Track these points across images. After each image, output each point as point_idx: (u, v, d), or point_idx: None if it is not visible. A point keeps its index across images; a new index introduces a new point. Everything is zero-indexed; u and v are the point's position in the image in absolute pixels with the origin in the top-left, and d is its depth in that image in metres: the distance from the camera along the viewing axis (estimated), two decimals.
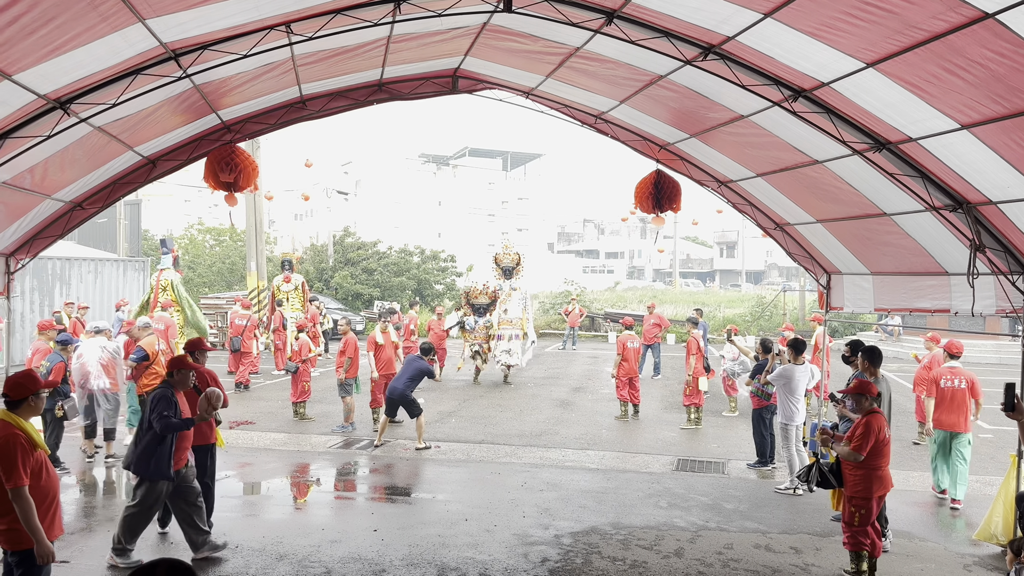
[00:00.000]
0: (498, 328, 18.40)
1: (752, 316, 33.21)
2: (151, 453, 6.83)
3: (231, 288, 32.73)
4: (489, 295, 18.63)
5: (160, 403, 6.85)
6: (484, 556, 7.36)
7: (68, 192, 8.19)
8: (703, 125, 8.80)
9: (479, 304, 18.54)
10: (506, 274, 19.04)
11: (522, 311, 18.80)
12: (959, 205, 7.07)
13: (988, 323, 23.29)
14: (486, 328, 18.40)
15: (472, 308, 18.59)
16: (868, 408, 6.80)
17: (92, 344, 10.78)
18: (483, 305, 18.54)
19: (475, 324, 18.37)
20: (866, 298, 9.95)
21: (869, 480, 6.68)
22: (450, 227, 62.37)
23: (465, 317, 18.58)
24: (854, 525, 6.76)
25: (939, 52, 5.31)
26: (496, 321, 18.40)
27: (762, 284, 68.79)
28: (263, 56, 6.87)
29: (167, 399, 6.89)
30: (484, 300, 18.60)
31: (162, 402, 6.86)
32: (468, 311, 18.68)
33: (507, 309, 18.59)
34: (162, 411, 6.79)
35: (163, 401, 6.86)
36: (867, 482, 6.68)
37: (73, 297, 18.99)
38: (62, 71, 5.57)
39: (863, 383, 7.00)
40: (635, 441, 12.56)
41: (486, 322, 18.38)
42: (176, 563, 2.47)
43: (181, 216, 62.36)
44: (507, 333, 18.47)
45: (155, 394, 6.99)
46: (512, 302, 18.73)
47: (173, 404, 6.89)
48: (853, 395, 6.90)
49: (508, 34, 7.85)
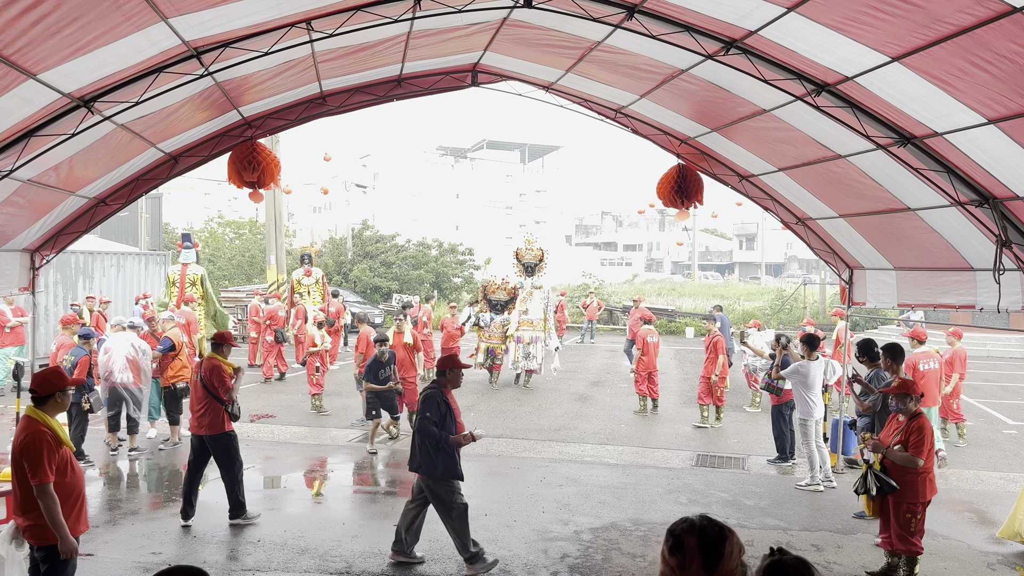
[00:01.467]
0: (517, 329, 16.92)
1: (772, 309, 33.02)
2: (434, 454, 6.73)
3: (251, 281, 32.95)
4: (508, 291, 17.35)
5: (426, 403, 6.81)
6: (504, 551, 7.38)
7: (92, 189, 8.28)
8: (725, 119, 8.74)
9: (496, 300, 17.31)
10: (528, 271, 17.55)
11: (543, 312, 17.28)
12: (985, 200, 6.98)
13: (1012, 319, 23.00)
14: (503, 327, 17.08)
15: (489, 304, 17.36)
16: (913, 410, 6.66)
17: (121, 339, 10.90)
18: (501, 301, 17.29)
19: (491, 321, 17.09)
20: (889, 293, 9.86)
21: (924, 484, 6.58)
22: (468, 220, 62.41)
23: (481, 313, 17.31)
24: (911, 531, 6.58)
25: (965, 46, 5.23)
26: (515, 321, 17.00)
27: (782, 277, 68.28)
28: (284, 53, 6.89)
29: (435, 400, 6.81)
30: (502, 296, 17.35)
31: (428, 402, 6.81)
32: (484, 306, 17.44)
33: (528, 309, 17.12)
34: (425, 412, 6.75)
35: (429, 401, 6.81)
36: (922, 486, 6.57)
37: (96, 291, 19.20)
38: (86, 70, 5.62)
39: (906, 382, 6.83)
40: (654, 436, 12.54)
41: (503, 321, 17.07)
42: (192, 569, 2.47)
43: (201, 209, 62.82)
44: (527, 335, 16.88)
45: (425, 393, 6.91)
46: (533, 302, 17.25)
47: (439, 404, 6.79)
48: (897, 395, 6.74)
49: (528, 29, 7.82)
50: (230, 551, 7.30)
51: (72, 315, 12.04)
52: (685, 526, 2.41)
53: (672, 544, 2.40)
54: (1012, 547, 7.78)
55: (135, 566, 6.88)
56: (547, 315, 17.28)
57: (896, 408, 6.85)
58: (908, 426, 6.60)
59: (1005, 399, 15.86)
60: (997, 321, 22.10)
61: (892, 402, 6.84)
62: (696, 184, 9.71)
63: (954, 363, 12.14)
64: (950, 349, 12.32)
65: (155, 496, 9.16)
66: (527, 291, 17.27)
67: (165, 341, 11.20)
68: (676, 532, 2.41)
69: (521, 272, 17.59)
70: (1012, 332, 23.69)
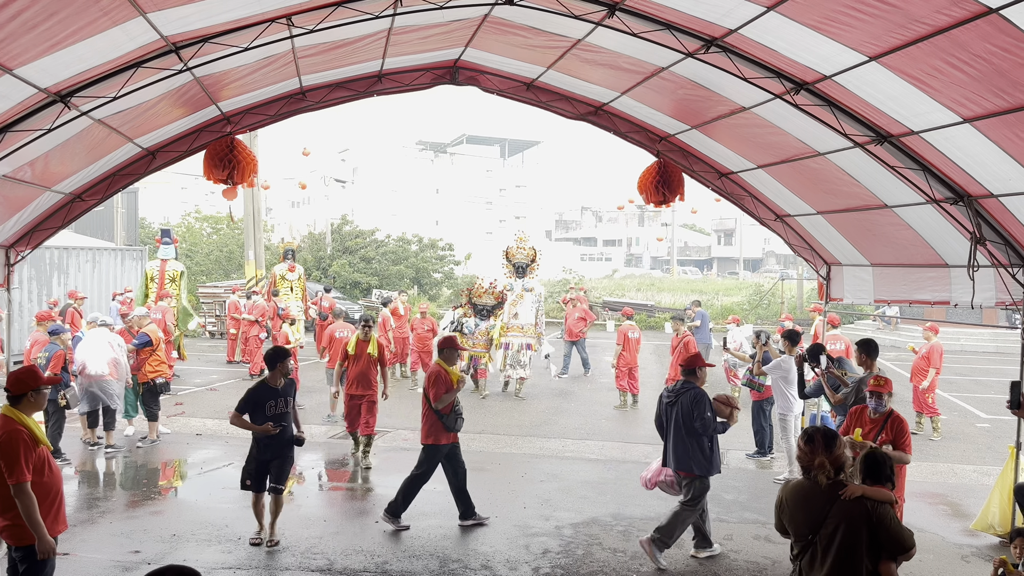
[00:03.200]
0: (505, 335, 15.48)
1: (750, 304, 33.28)
2: (706, 450, 7.19)
3: (229, 277, 32.70)
4: (496, 295, 15.69)
5: (699, 403, 7.13)
6: (485, 547, 7.41)
7: (68, 184, 8.18)
8: (705, 117, 8.79)
9: (483, 304, 15.65)
10: (518, 272, 16.03)
11: (535, 316, 15.79)
12: (960, 198, 7.09)
13: (985, 314, 23.40)
14: (488, 333, 15.51)
15: (474, 308, 15.72)
16: (887, 407, 6.75)
17: (96, 335, 10.78)
18: (487, 306, 15.66)
19: (475, 328, 15.47)
20: (866, 289, 9.98)
21: (902, 478, 6.74)
22: (448, 215, 62.36)
23: (464, 319, 15.65)
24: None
25: (942, 46, 5.31)
26: (500, 326, 15.53)
27: (760, 272, 68.81)
28: (264, 49, 6.82)
29: (704, 397, 7.19)
30: (489, 300, 15.67)
31: (702, 402, 7.14)
32: (469, 311, 15.78)
33: (517, 313, 15.65)
34: (703, 412, 7.09)
35: (702, 401, 7.15)
36: (901, 480, 6.70)
37: (72, 286, 18.97)
38: (63, 65, 5.55)
39: (884, 381, 6.92)
40: (635, 431, 12.61)
41: (489, 327, 15.50)
42: (183, 569, 2.47)
43: (178, 204, 62.26)
44: (516, 341, 15.44)
45: (693, 394, 7.20)
46: (524, 305, 15.70)
47: (709, 403, 7.19)
48: (877, 395, 6.77)
49: (509, 27, 7.81)
50: (209, 549, 7.26)
51: (48, 311, 11.91)
52: (811, 430, 4.27)
53: (807, 439, 4.22)
54: (986, 539, 7.92)
55: (114, 565, 6.83)
56: (539, 320, 15.92)
57: (875, 408, 6.86)
58: (889, 424, 6.63)
59: (978, 393, 16.08)
60: (970, 316, 22.43)
61: (872, 401, 6.87)
62: (677, 179, 9.75)
63: (931, 358, 12.34)
64: (927, 344, 12.53)
65: (133, 494, 9.08)
66: (517, 293, 15.83)
67: (141, 336, 11.10)
68: (809, 431, 4.26)
69: (511, 273, 16.17)
70: (985, 327, 24.06)
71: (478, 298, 15.62)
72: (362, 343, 10.63)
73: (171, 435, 11.66)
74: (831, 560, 4.00)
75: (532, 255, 16.19)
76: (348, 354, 10.71)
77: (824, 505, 4.07)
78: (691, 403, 7.14)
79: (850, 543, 3.98)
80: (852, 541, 3.98)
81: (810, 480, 4.16)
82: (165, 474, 10.13)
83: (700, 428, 7.08)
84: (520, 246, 16.25)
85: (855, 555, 3.98)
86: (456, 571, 6.85)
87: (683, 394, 7.23)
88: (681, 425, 7.16)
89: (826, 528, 4.04)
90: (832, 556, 4.00)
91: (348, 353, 10.72)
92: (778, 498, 4.37)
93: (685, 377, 7.39)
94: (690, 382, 7.31)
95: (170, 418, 12.42)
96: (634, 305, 30.77)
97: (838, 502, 4.04)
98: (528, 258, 16.13)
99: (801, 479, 4.27)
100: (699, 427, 7.08)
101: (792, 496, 4.26)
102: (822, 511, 4.06)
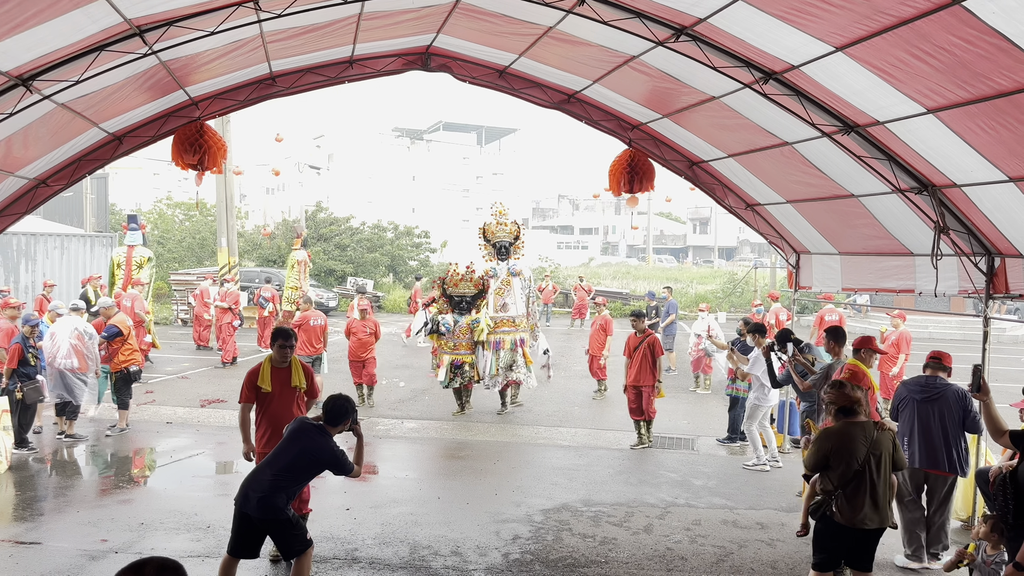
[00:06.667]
0: (494, 331, 12.41)
1: (724, 292, 33.51)
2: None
3: (202, 264, 32.36)
4: (475, 282, 12.51)
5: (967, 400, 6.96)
6: (456, 534, 7.44)
7: (32, 169, 8.04)
8: (676, 106, 8.82)
9: (460, 295, 12.46)
10: (500, 252, 12.87)
11: (527, 305, 12.92)
12: (924, 188, 7.19)
13: (952, 303, 23.77)
14: (470, 330, 12.34)
15: (450, 302, 12.54)
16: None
17: (65, 323, 10.64)
18: (466, 297, 12.46)
19: (454, 325, 12.34)
20: (834, 277, 10.10)
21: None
22: (424, 202, 62.11)
23: (440, 316, 12.50)
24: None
25: (906, 37, 5.36)
26: (486, 321, 12.34)
27: (734, 260, 69.33)
28: (231, 33, 6.74)
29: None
30: (467, 289, 12.46)
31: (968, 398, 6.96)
32: (444, 306, 12.63)
33: (506, 304, 12.59)
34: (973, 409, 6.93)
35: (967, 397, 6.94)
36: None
37: (39, 273, 18.72)
38: (24, 48, 5.45)
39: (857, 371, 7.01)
40: (607, 418, 12.70)
41: (472, 322, 12.32)
42: (165, 561, 2.49)
43: (150, 190, 61.50)
44: (508, 339, 12.47)
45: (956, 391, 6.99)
46: (513, 293, 12.64)
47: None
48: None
49: (480, 13, 7.78)
50: (178, 538, 7.22)
51: (4, 300, 11.73)
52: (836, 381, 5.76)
53: (836, 385, 5.62)
54: (951, 524, 8.06)
55: (81, 554, 6.77)
56: (531, 309, 13.23)
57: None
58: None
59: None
60: (938, 304, 22.73)
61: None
62: (647, 170, 9.79)
63: (900, 344, 12.59)
64: (895, 331, 12.76)
65: (102, 483, 9.00)
66: (503, 280, 12.68)
67: (110, 328, 10.95)
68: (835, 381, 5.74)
69: (491, 255, 13.03)
70: (952, 315, 24.45)
71: (453, 287, 12.49)
72: (277, 370, 6.83)
73: (141, 423, 11.55)
74: (883, 478, 5.34)
75: (515, 231, 13.07)
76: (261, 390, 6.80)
77: (869, 438, 5.35)
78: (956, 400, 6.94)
79: (889, 464, 5.40)
80: (890, 462, 5.42)
81: (847, 419, 5.42)
82: (135, 463, 10.05)
83: (971, 427, 6.98)
84: (500, 221, 13.03)
85: (891, 472, 5.44)
86: (426, 557, 6.88)
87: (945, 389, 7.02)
88: (947, 423, 6.93)
89: (874, 456, 5.32)
90: (883, 475, 5.34)
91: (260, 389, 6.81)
92: (821, 445, 5.46)
93: (934, 371, 7.13)
94: (941, 377, 7.10)
95: (140, 406, 12.31)
96: (609, 293, 30.87)
97: (880, 434, 5.37)
98: (511, 235, 12.98)
99: (838, 424, 5.47)
100: (970, 426, 6.97)
101: (839, 438, 5.39)
102: (869, 442, 5.34)
